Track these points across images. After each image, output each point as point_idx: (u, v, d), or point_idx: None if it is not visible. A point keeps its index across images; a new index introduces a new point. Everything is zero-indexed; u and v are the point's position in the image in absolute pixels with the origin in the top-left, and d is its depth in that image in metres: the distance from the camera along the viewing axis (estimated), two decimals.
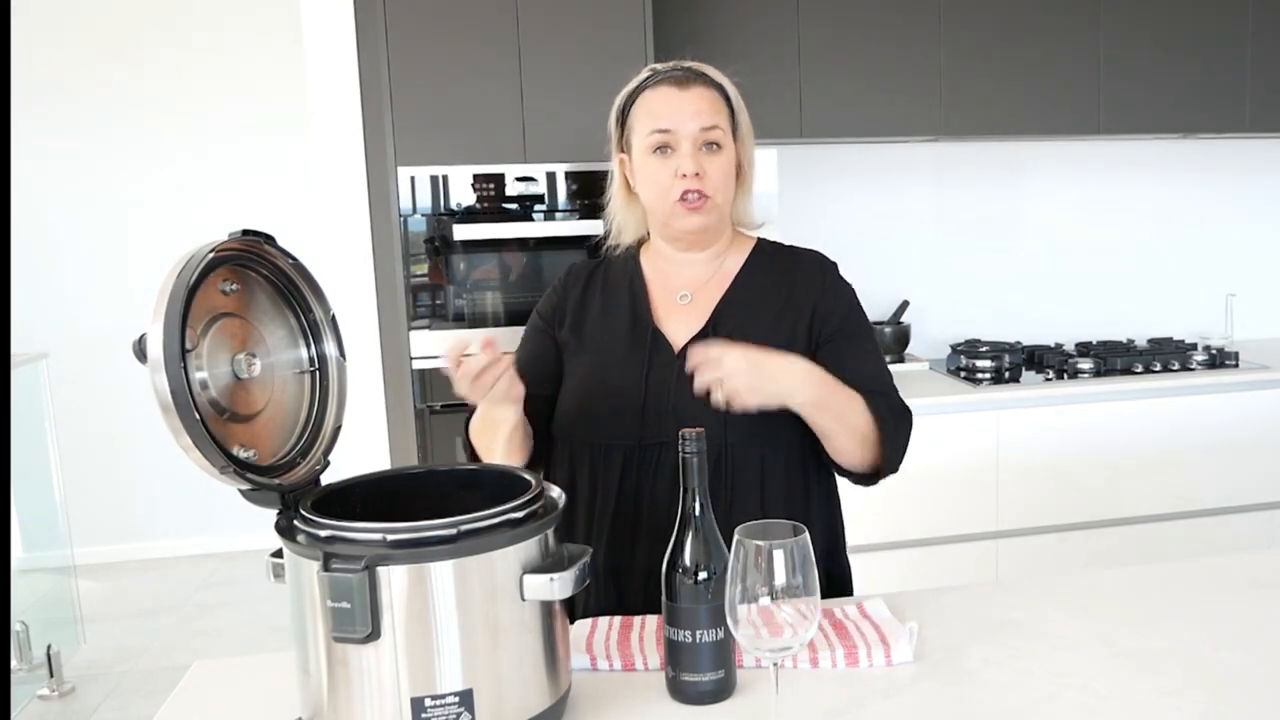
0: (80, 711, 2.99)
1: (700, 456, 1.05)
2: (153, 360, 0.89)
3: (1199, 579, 1.37)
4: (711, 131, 1.33)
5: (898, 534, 2.76)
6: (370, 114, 2.73)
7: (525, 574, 0.95)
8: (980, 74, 3.05)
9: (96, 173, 4.16)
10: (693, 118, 1.32)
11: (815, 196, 3.32)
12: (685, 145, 1.32)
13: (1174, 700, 1.04)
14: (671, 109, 1.33)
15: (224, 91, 4.19)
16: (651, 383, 1.35)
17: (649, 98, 1.35)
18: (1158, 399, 2.92)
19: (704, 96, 1.34)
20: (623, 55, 2.64)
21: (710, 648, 1.03)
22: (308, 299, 1.08)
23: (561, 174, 2.66)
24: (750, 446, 1.33)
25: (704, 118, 1.32)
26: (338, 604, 0.89)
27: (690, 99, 1.33)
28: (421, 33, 2.56)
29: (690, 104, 1.32)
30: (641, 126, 1.35)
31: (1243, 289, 3.62)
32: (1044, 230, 3.49)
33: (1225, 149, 3.58)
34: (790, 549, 0.93)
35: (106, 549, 4.26)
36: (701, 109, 1.33)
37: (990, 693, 1.07)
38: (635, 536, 1.34)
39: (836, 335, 1.38)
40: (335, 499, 1.02)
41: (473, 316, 2.66)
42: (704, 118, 1.32)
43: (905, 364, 3.21)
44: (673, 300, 1.42)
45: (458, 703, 0.92)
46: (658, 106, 1.34)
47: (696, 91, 1.34)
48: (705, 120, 1.32)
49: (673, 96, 1.33)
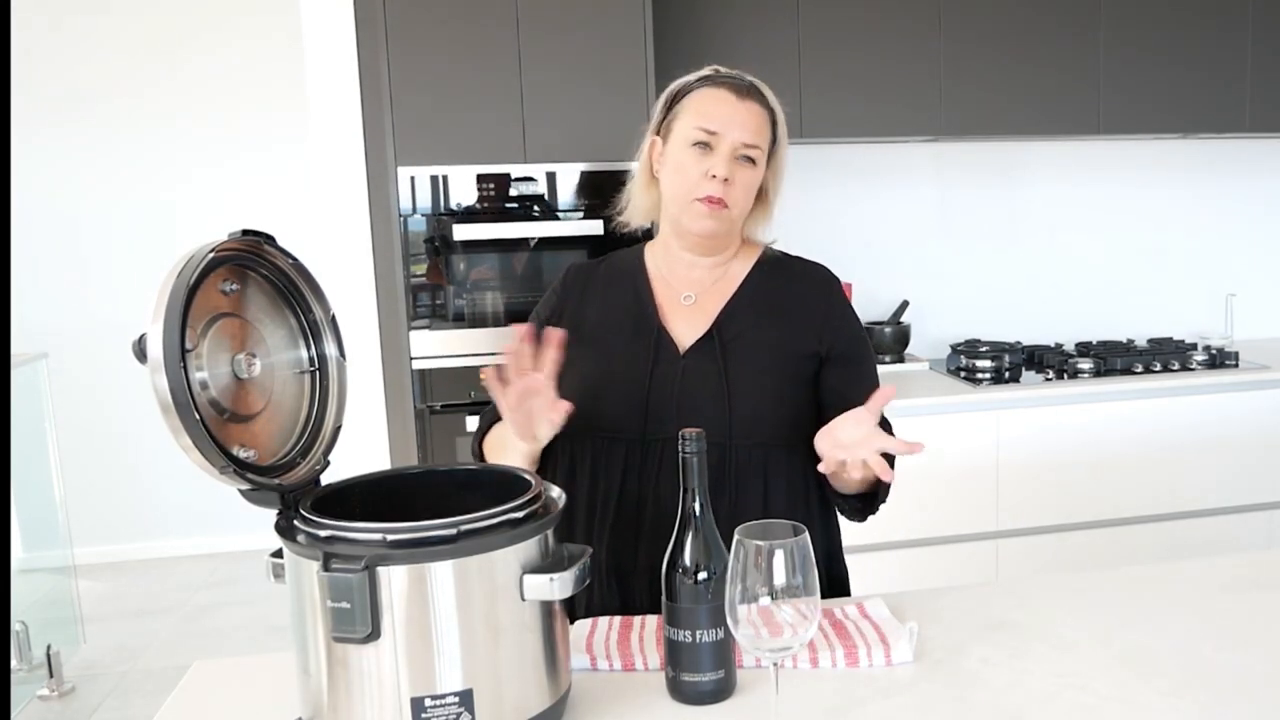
0: (80, 711, 2.99)
1: (700, 456, 1.05)
2: (153, 360, 0.89)
3: (1199, 579, 1.37)
4: (752, 150, 1.35)
5: (898, 534, 2.77)
6: (370, 114, 2.73)
7: (525, 574, 0.95)
8: (980, 74, 3.05)
9: (96, 173, 4.16)
10: (740, 128, 1.34)
11: (815, 196, 3.32)
12: (725, 150, 1.33)
13: (1174, 700, 1.04)
14: (724, 114, 1.34)
15: (223, 92, 4.18)
16: (655, 381, 1.35)
17: (705, 95, 1.37)
18: (1158, 399, 2.92)
19: (756, 114, 1.36)
20: (623, 54, 2.64)
21: (710, 648, 1.03)
22: (308, 299, 1.08)
23: (561, 174, 2.66)
24: (754, 447, 1.33)
25: (749, 133, 1.34)
26: (338, 604, 0.89)
27: (743, 110, 1.35)
28: (421, 33, 2.56)
29: (742, 115, 1.34)
30: (689, 118, 1.36)
31: (1243, 289, 3.62)
32: (1044, 230, 3.49)
33: (1225, 149, 3.58)
34: (790, 549, 0.93)
35: (106, 549, 4.26)
36: (749, 124, 1.34)
37: (990, 693, 1.07)
38: (638, 535, 1.34)
39: (845, 358, 1.40)
40: (335, 499, 1.02)
41: (473, 316, 2.66)
42: (749, 133, 1.34)
43: (905, 364, 3.20)
44: (677, 301, 1.42)
45: (458, 703, 0.92)
46: (711, 107, 1.35)
47: (751, 106, 1.35)
48: (749, 137, 1.34)
49: (728, 102, 1.35)
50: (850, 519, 1.43)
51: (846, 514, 1.43)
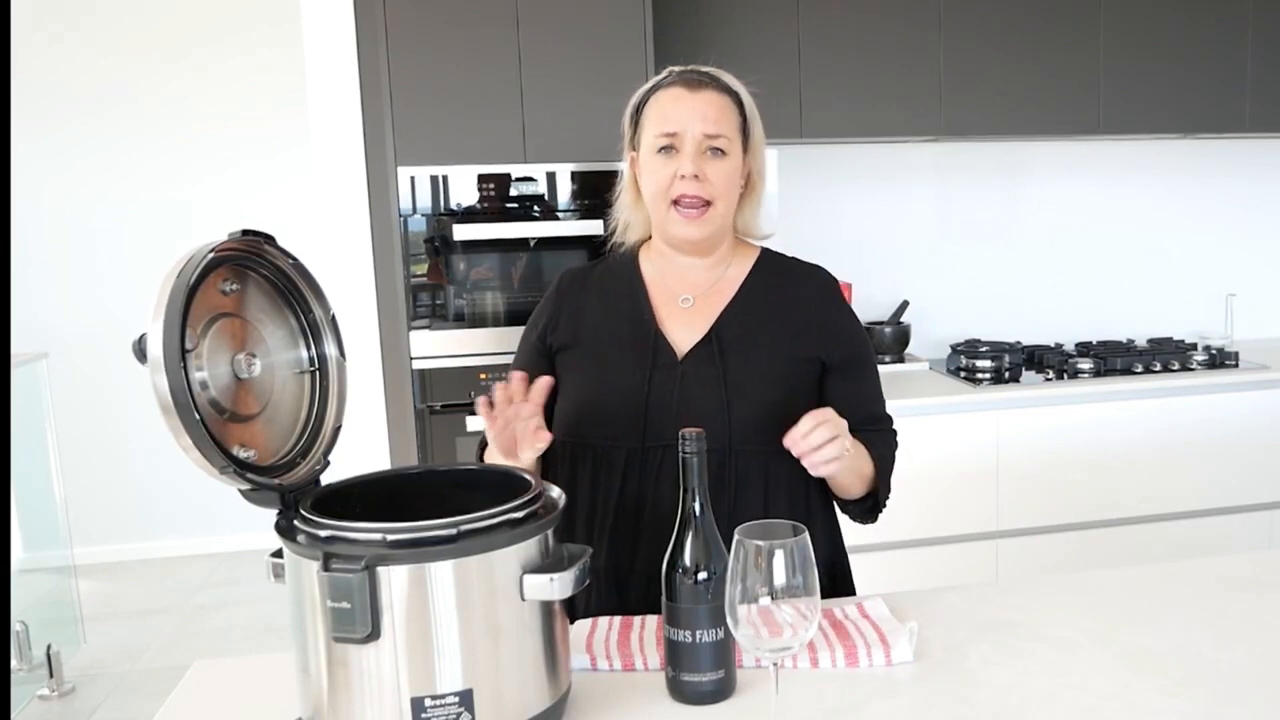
0: (80, 711, 2.99)
1: (700, 456, 1.05)
2: (153, 360, 0.89)
3: (1199, 579, 1.37)
4: (716, 139, 1.32)
5: (898, 534, 2.76)
6: (370, 114, 2.73)
7: (525, 574, 0.95)
8: (980, 74, 3.05)
9: (96, 173, 4.16)
10: (698, 120, 1.31)
11: (815, 197, 3.32)
12: (689, 147, 1.31)
13: (1174, 700, 1.04)
14: (680, 111, 1.32)
15: (223, 92, 4.18)
16: (654, 386, 1.34)
17: (660, 98, 1.35)
18: (1157, 399, 2.92)
19: (713, 101, 1.33)
20: (623, 53, 2.64)
21: (710, 648, 1.03)
22: (308, 299, 1.08)
23: (561, 174, 2.66)
24: (754, 449, 1.33)
25: (709, 123, 1.31)
26: (338, 604, 0.89)
27: (698, 102, 1.32)
28: (421, 33, 2.56)
29: (698, 107, 1.32)
30: (650, 126, 1.35)
31: (1243, 289, 3.62)
32: (1044, 230, 3.49)
33: (1225, 149, 3.58)
34: (790, 549, 0.93)
35: (106, 549, 4.26)
36: (708, 113, 1.32)
37: (990, 693, 1.07)
38: (637, 540, 1.33)
39: (848, 363, 1.40)
40: (335, 499, 1.02)
41: (472, 316, 2.66)
42: (709, 123, 1.31)
43: (905, 364, 3.20)
44: (674, 304, 1.41)
45: (458, 703, 0.92)
46: (667, 108, 1.34)
47: (705, 95, 1.33)
48: (710, 126, 1.31)
49: (682, 98, 1.33)
50: (860, 522, 1.44)
51: (855, 518, 1.44)
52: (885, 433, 1.43)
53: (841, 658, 1.14)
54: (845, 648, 1.15)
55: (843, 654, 1.14)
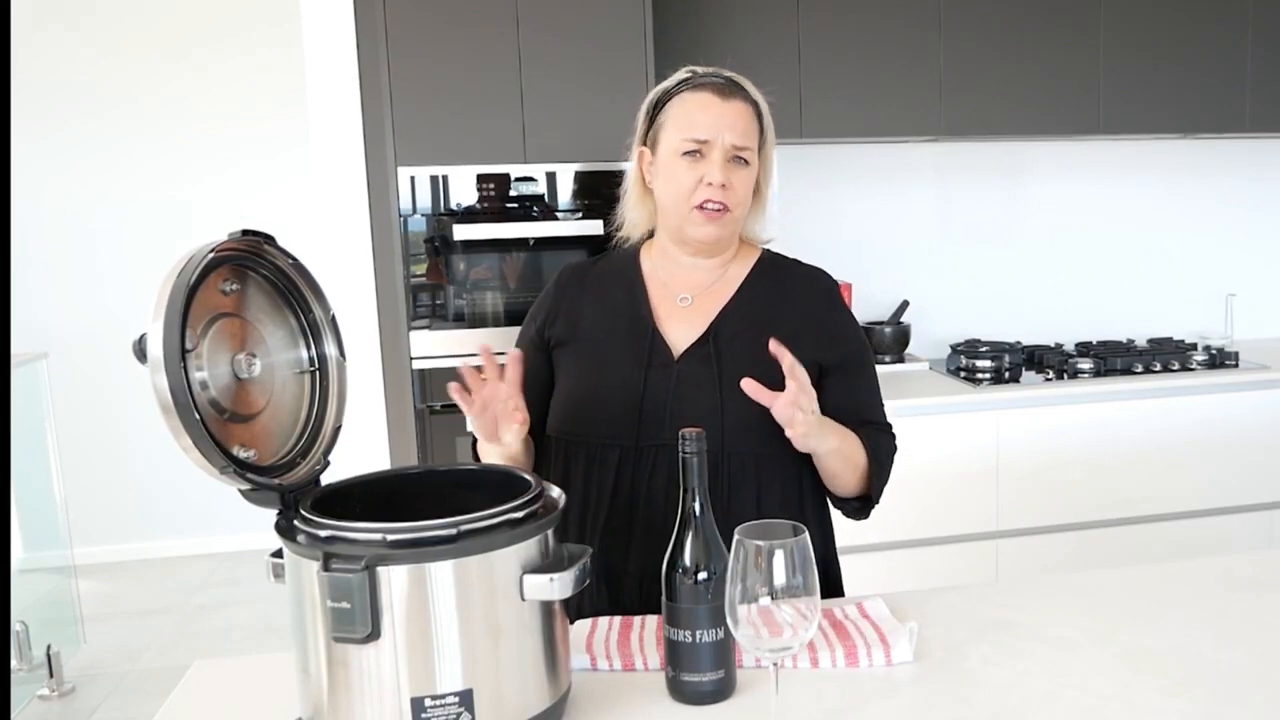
0: (80, 711, 2.99)
1: (700, 456, 1.05)
2: (153, 360, 0.89)
3: (1199, 579, 1.37)
4: (744, 150, 1.33)
5: (897, 534, 2.77)
6: (370, 114, 2.73)
7: (525, 574, 0.95)
8: (980, 74, 3.05)
9: (96, 173, 4.16)
10: (728, 130, 1.32)
11: (815, 197, 3.31)
12: (717, 155, 1.32)
13: (1174, 700, 1.04)
14: (711, 118, 1.32)
15: (223, 92, 4.18)
16: (649, 384, 1.34)
17: (688, 101, 1.34)
18: (1157, 399, 2.92)
19: (742, 113, 1.34)
20: (623, 53, 2.64)
21: (710, 648, 1.03)
22: (308, 299, 1.08)
23: (561, 174, 2.66)
24: (748, 449, 1.33)
25: (738, 134, 1.32)
26: (338, 604, 0.89)
27: (729, 111, 1.33)
28: (421, 33, 2.56)
29: (728, 117, 1.32)
30: (675, 128, 1.34)
31: (1243, 289, 3.62)
32: (1044, 230, 3.49)
33: (1225, 149, 3.58)
34: (790, 549, 0.93)
35: (106, 549, 4.26)
36: (737, 124, 1.33)
37: (990, 693, 1.07)
38: (630, 539, 1.33)
39: (845, 364, 1.40)
40: (335, 499, 1.02)
41: (472, 316, 2.66)
42: (738, 134, 1.32)
43: (905, 364, 3.20)
44: (673, 302, 1.41)
45: (458, 703, 0.92)
46: (696, 113, 1.33)
47: (736, 106, 1.33)
48: (739, 138, 1.32)
49: (713, 105, 1.33)
50: (852, 518, 1.44)
51: (848, 514, 1.43)
52: (883, 434, 1.43)
53: (841, 658, 1.14)
54: (845, 648, 1.15)
55: (843, 654, 1.14)
